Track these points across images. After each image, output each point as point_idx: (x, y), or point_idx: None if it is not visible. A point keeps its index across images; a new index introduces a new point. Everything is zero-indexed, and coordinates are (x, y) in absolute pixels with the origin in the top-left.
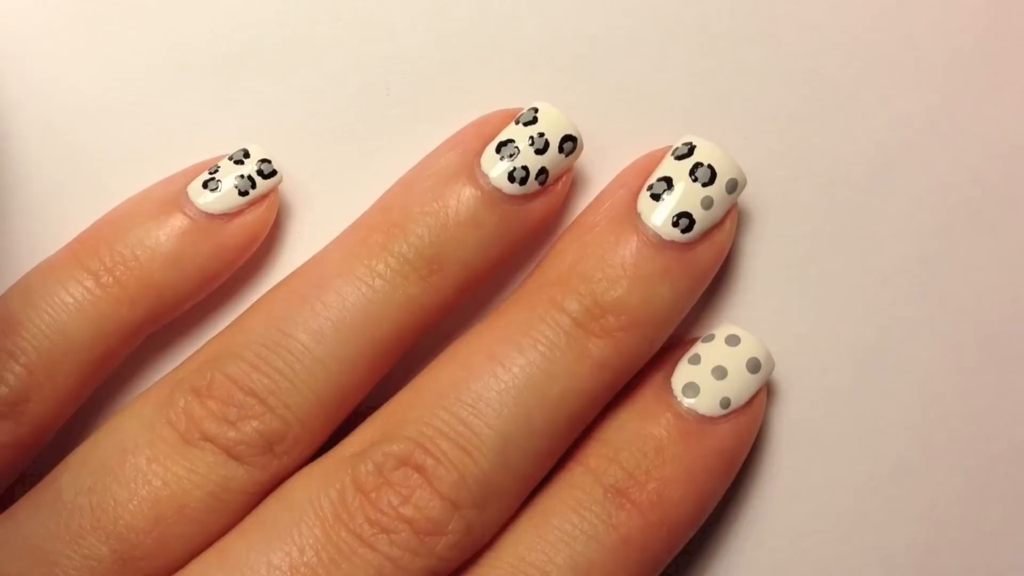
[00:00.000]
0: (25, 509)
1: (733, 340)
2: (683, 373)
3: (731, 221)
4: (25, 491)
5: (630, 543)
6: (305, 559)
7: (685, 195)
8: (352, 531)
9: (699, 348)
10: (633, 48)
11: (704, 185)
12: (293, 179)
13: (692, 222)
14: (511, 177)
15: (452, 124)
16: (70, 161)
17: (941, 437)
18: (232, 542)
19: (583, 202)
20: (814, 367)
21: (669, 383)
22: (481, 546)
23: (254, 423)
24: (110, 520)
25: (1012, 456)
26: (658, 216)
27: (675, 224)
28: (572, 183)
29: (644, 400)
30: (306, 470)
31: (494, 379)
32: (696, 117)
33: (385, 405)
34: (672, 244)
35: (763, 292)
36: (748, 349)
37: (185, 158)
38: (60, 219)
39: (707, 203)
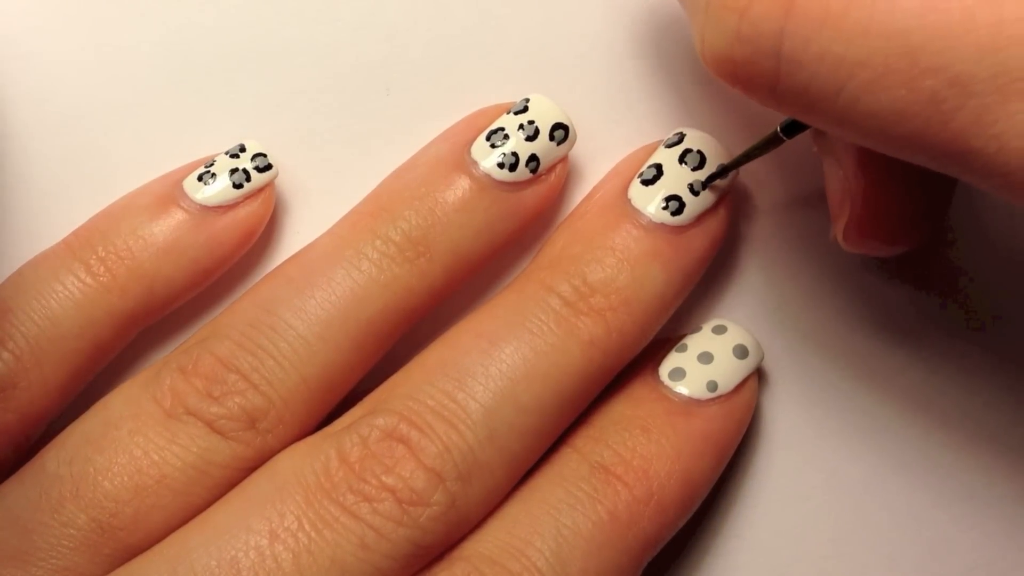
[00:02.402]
0: (11, 483)
1: (720, 329)
2: (670, 360)
3: (725, 208)
4: None
5: (616, 519)
6: (286, 525)
7: (674, 179)
8: (335, 500)
9: (686, 338)
10: (633, 48)
11: (694, 169)
12: (293, 179)
13: (682, 205)
14: (500, 164)
15: (452, 124)
16: (70, 161)
17: (941, 437)
18: (214, 511)
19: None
20: (814, 366)
21: (657, 371)
22: (468, 524)
23: (237, 399)
24: (89, 488)
25: (1012, 456)
26: (648, 200)
27: (665, 207)
28: (568, 180)
29: (632, 387)
30: (293, 445)
31: (482, 355)
32: (695, 116)
33: (376, 388)
34: (662, 227)
35: (762, 291)
36: (734, 337)
37: (185, 157)
38: (60, 218)
39: (697, 187)
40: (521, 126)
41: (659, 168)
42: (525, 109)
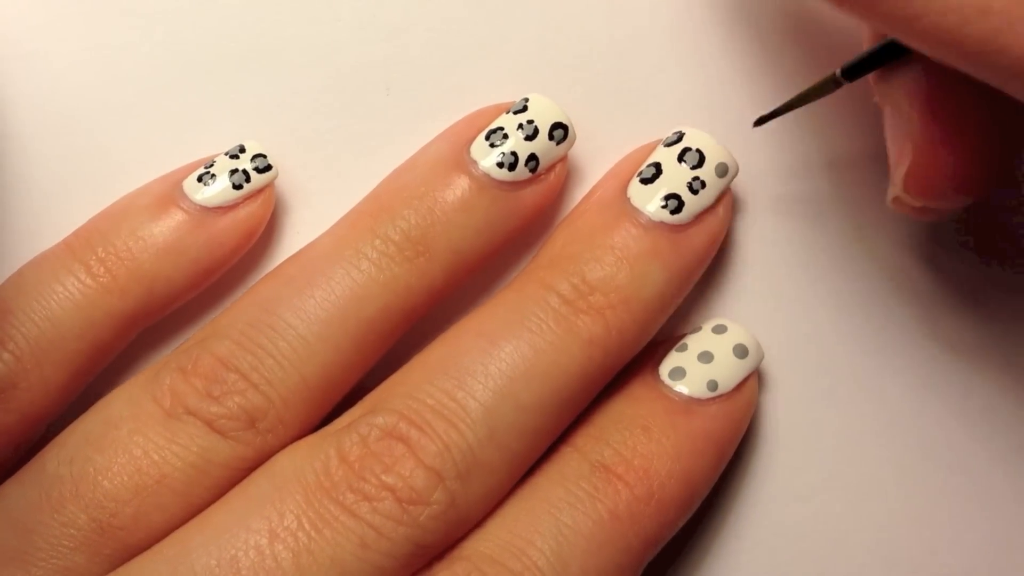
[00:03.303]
0: (11, 483)
1: (720, 329)
2: (670, 359)
3: (725, 208)
4: None
5: (617, 517)
6: (286, 524)
7: (673, 177)
8: (335, 499)
9: (686, 338)
10: (633, 48)
11: (693, 168)
12: (293, 179)
13: (681, 203)
14: (500, 163)
15: (451, 124)
16: (70, 161)
17: (941, 437)
18: (214, 510)
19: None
20: (814, 366)
21: (657, 370)
22: (468, 523)
23: (236, 398)
24: (89, 488)
25: (1012, 456)
26: (647, 199)
27: (664, 206)
28: (568, 179)
29: (632, 386)
30: (293, 445)
31: (482, 354)
32: (695, 116)
33: (376, 387)
34: (662, 226)
35: (762, 291)
36: (735, 336)
37: (185, 157)
38: (61, 218)
39: (696, 185)
40: (520, 125)
41: (658, 167)
42: (524, 109)
